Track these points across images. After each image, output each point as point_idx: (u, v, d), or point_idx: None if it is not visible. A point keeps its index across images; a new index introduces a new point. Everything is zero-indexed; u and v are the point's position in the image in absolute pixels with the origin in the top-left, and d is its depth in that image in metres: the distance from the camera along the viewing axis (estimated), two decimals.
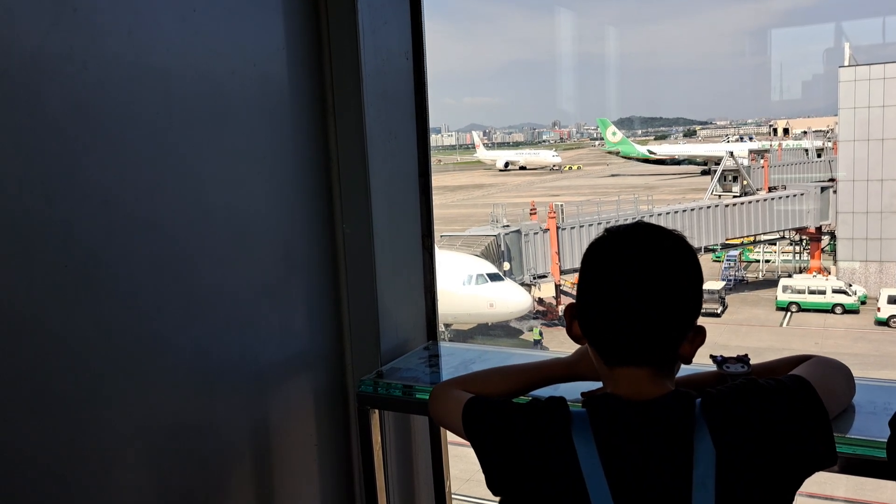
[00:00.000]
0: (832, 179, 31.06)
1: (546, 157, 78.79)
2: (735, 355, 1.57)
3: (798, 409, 1.25)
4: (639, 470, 1.20)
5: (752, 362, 1.53)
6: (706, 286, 26.47)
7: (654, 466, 1.20)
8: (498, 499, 1.35)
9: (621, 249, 1.30)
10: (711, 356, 1.57)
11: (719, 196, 33.39)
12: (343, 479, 2.20)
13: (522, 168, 76.79)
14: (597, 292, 1.30)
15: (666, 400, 1.25)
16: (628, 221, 1.39)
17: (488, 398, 1.47)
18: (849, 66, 30.16)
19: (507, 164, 77.11)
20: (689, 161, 60.51)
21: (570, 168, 76.53)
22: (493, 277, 21.75)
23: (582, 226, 26.36)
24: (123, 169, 1.56)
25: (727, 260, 31.01)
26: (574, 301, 1.37)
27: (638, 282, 1.25)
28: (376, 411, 2.01)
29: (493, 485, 1.33)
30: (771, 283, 28.76)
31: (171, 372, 1.69)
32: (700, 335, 1.30)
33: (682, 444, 1.20)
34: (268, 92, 1.93)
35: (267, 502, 1.99)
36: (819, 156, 41.51)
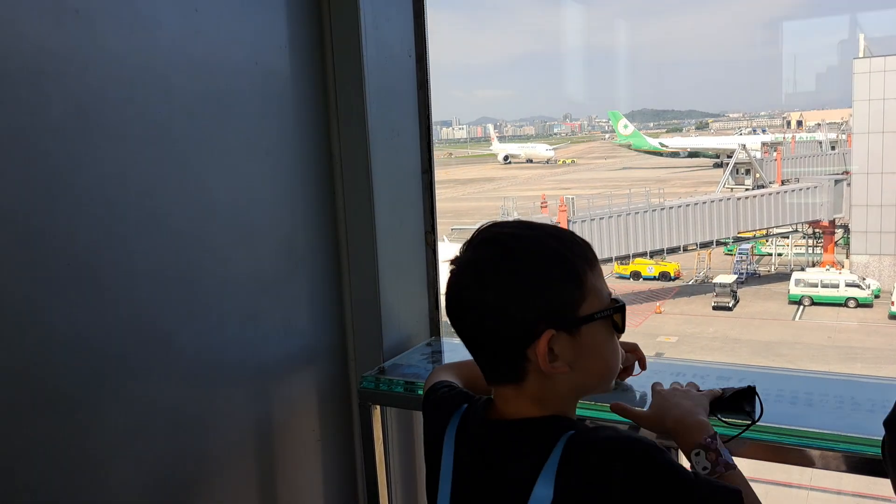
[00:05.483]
0: (846, 172, 30.80)
1: (541, 150, 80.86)
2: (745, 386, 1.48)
3: None
4: (477, 487, 1.17)
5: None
6: (718, 279, 26.46)
7: (491, 491, 1.14)
8: None
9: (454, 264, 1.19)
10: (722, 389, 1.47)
11: (731, 189, 33.20)
12: (345, 475, 2.22)
13: (529, 161, 77.29)
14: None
15: (522, 425, 1.15)
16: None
17: (446, 385, 1.40)
18: (863, 57, 29.83)
19: (506, 158, 77.86)
20: (702, 154, 60.09)
21: (565, 162, 77.50)
22: None
23: (593, 219, 26.26)
24: (125, 168, 1.57)
25: (739, 253, 30.82)
26: None
27: (455, 304, 1.18)
28: (378, 407, 2.02)
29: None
30: (783, 277, 28.56)
31: (173, 367, 1.71)
32: (559, 339, 1.10)
33: (520, 480, 1.08)
34: (270, 90, 1.94)
35: (269, 497, 2.01)
36: (833, 148, 41.19)
